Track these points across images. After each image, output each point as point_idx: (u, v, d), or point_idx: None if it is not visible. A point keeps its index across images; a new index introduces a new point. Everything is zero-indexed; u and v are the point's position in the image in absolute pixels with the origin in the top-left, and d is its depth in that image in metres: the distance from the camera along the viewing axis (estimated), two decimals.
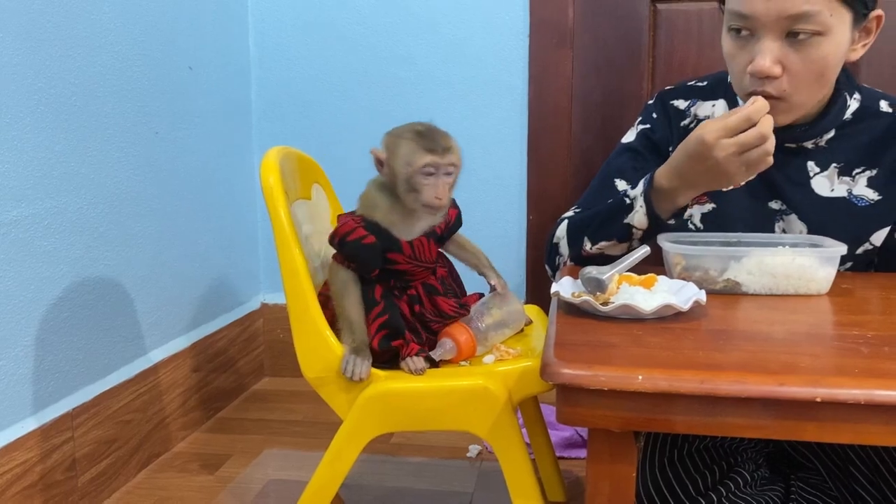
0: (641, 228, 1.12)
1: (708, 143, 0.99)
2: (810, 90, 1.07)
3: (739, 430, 0.72)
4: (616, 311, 0.88)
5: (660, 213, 1.10)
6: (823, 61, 1.04)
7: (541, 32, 1.92)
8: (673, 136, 1.26)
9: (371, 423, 1.07)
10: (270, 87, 2.08)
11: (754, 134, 0.98)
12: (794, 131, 1.14)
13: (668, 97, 1.28)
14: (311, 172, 1.28)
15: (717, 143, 0.99)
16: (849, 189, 1.15)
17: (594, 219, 1.18)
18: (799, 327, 0.89)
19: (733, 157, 0.99)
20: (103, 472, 1.47)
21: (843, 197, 1.15)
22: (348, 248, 1.08)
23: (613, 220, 1.14)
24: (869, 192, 1.15)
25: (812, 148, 1.16)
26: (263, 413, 1.93)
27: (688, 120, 1.25)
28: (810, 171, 1.16)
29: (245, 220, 2.06)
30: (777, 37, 1.03)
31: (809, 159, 1.16)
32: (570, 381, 0.72)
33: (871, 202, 1.15)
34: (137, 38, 1.58)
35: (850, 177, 1.15)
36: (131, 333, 1.59)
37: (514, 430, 1.04)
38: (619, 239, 1.15)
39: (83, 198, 1.43)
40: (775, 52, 1.04)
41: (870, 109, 1.16)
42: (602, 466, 0.77)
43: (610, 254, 1.17)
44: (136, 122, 1.59)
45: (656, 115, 1.28)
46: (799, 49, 1.03)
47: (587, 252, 1.18)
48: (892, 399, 0.66)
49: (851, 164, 1.15)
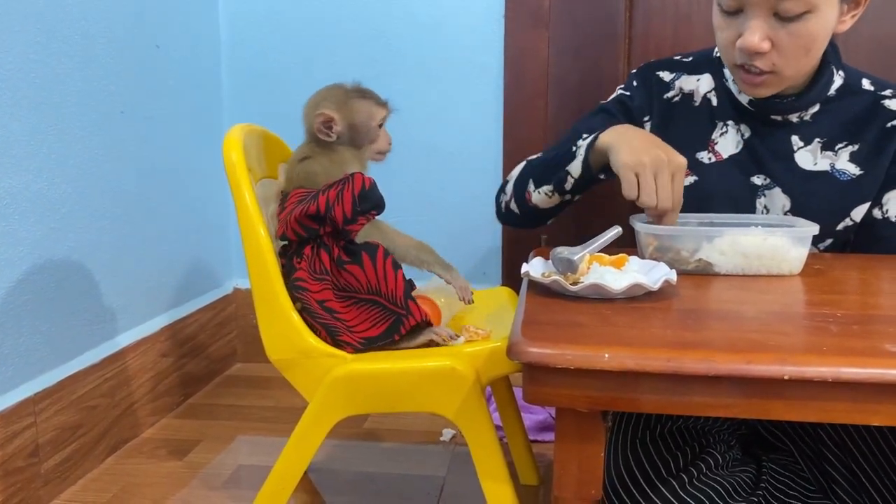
0: (574, 176, 1.15)
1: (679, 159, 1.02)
2: (799, 64, 1.08)
3: (707, 408, 0.71)
4: (585, 291, 0.87)
5: (592, 163, 1.12)
6: (811, 37, 1.05)
7: (516, 13, 1.90)
8: (653, 107, 1.26)
9: (337, 405, 1.05)
10: (241, 66, 2.04)
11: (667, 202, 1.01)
12: (782, 103, 1.16)
13: (654, 68, 1.29)
14: (277, 151, 1.25)
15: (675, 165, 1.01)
16: (832, 163, 1.17)
17: (546, 163, 1.21)
18: (770, 307, 0.87)
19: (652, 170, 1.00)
20: (68, 458, 1.44)
21: (826, 171, 1.17)
22: (373, 193, 1.06)
23: (558, 167, 1.16)
24: (851, 167, 1.17)
25: (797, 122, 1.18)
26: (235, 399, 1.90)
27: (672, 92, 1.26)
28: (794, 145, 1.18)
29: (216, 202, 2.02)
30: (766, 14, 1.04)
31: (794, 133, 1.18)
32: (536, 360, 0.70)
33: (853, 177, 1.17)
34: (102, 15, 1.54)
35: (832, 151, 1.17)
36: (98, 317, 1.56)
37: (482, 412, 1.02)
38: (556, 186, 1.18)
39: (43, 178, 1.39)
40: (764, 29, 1.05)
41: (853, 87, 1.18)
42: (570, 446, 0.76)
43: (543, 207, 1.22)
44: (100, 101, 1.54)
45: (636, 83, 1.30)
46: (787, 26, 1.04)
47: (528, 198, 1.22)
48: (858, 376, 0.65)
49: (834, 139, 1.17)
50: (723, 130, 1.21)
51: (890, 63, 1.78)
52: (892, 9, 1.76)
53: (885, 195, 1.18)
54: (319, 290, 1.06)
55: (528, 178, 1.22)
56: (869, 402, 0.67)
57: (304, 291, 1.06)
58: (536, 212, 1.24)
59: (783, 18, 1.03)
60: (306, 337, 1.05)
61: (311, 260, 1.06)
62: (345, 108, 1.10)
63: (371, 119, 1.12)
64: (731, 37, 1.09)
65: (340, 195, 1.04)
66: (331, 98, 1.11)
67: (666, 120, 1.25)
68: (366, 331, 1.06)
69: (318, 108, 1.10)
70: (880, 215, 1.18)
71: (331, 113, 1.10)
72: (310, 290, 1.06)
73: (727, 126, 1.21)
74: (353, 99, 1.11)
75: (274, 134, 1.26)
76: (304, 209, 1.04)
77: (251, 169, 1.09)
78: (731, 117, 1.21)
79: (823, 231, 1.05)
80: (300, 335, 1.05)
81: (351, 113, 1.11)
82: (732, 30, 1.08)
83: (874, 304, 0.89)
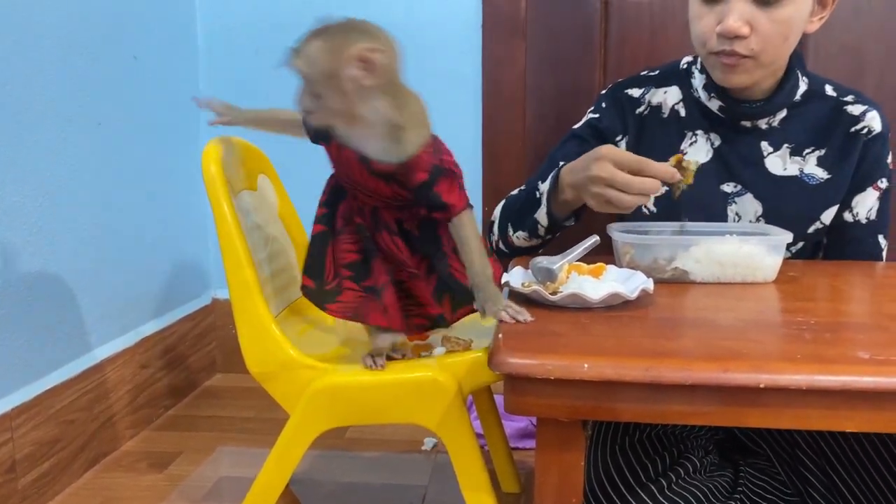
0: (543, 225, 1.18)
1: (599, 153, 1.02)
2: (777, 51, 1.11)
3: (684, 417, 0.72)
4: (564, 301, 0.88)
5: (555, 209, 1.15)
6: (789, 23, 1.09)
7: (493, 23, 1.91)
8: (628, 125, 1.28)
9: (318, 417, 1.05)
10: (219, 77, 2.04)
11: (636, 184, 0.99)
12: (751, 108, 1.18)
13: (622, 87, 1.30)
14: (256, 163, 1.25)
15: (602, 163, 1.01)
16: (800, 168, 1.20)
17: (518, 206, 1.23)
18: (745, 314, 0.89)
19: (600, 185, 1.01)
20: (46, 474, 1.43)
21: (796, 175, 1.20)
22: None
23: (528, 213, 1.19)
24: (819, 171, 1.20)
25: (765, 128, 1.20)
26: (215, 410, 1.89)
27: (642, 108, 1.27)
28: (764, 150, 1.21)
29: (194, 213, 2.01)
30: None
31: (763, 139, 1.21)
32: (516, 371, 0.71)
33: (821, 181, 1.20)
34: (79, 26, 1.53)
35: (801, 157, 1.20)
36: (75, 330, 1.55)
37: (463, 422, 1.03)
38: (530, 233, 1.21)
39: (18, 190, 1.38)
40: (744, 13, 1.08)
41: (817, 92, 1.22)
42: (550, 455, 0.77)
43: (528, 246, 1.24)
44: (77, 113, 1.54)
45: (605, 104, 1.31)
46: (767, 11, 1.07)
47: (510, 241, 1.25)
48: (832, 384, 0.67)
49: (802, 144, 1.20)
50: (692, 140, 1.23)
51: (858, 70, 1.82)
52: (860, 18, 1.80)
53: (853, 198, 1.21)
54: None
55: (507, 222, 1.24)
56: (842, 409, 0.69)
57: None
58: (522, 250, 1.26)
59: (763, 3, 1.07)
60: (286, 349, 1.05)
61: None
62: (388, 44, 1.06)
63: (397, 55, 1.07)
64: (710, 24, 1.11)
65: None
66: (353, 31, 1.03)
67: (639, 135, 1.27)
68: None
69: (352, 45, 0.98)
70: (851, 218, 1.22)
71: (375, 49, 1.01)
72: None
73: (696, 136, 1.23)
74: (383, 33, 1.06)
75: (253, 145, 1.26)
76: None
77: (230, 181, 1.09)
78: (701, 126, 1.23)
79: (795, 235, 1.08)
80: (280, 347, 1.05)
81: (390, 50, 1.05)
82: (712, 17, 1.11)
83: (845, 311, 0.91)
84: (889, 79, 1.81)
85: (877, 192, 1.22)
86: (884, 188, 1.22)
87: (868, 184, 1.21)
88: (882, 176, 1.21)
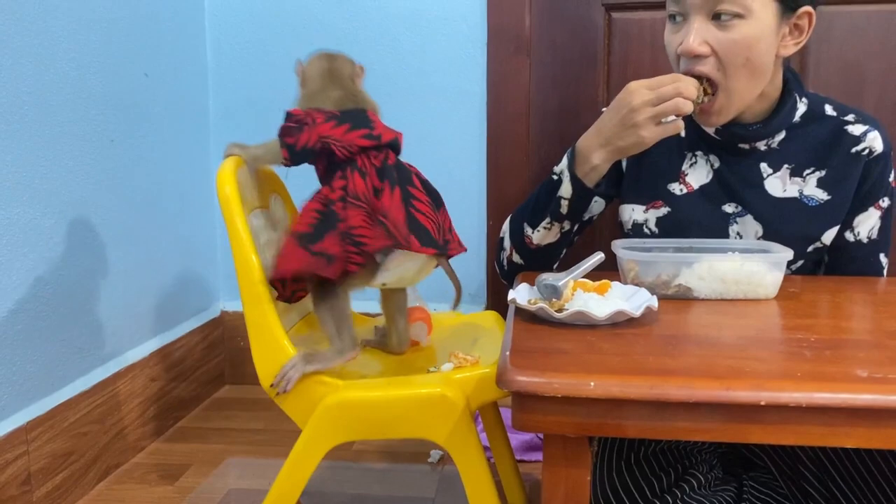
0: (567, 198, 1.18)
1: (630, 88, 1.08)
2: (738, 74, 1.11)
3: (688, 433, 0.74)
4: (570, 318, 0.90)
5: (582, 178, 1.16)
6: (746, 43, 1.09)
7: (498, 40, 1.94)
8: None
9: (330, 432, 1.07)
10: (228, 94, 2.07)
11: (671, 88, 1.05)
12: (747, 131, 1.19)
13: None
14: (268, 182, 1.27)
15: (637, 90, 1.07)
16: (800, 189, 1.20)
17: (530, 203, 1.24)
18: (747, 332, 0.91)
19: (647, 107, 1.06)
20: (59, 486, 1.45)
21: (795, 197, 1.20)
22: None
23: (548, 199, 1.20)
24: (819, 193, 1.20)
25: (764, 150, 1.21)
26: (224, 422, 1.91)
27: None
28: (763, 172, 1.21)
29: (204, 227, 2.04)
30: (705, 18, 1.10)
31: (762, 161, 1.21)
32: (524, 389, 0.73)
33: (821, 202, 1.20)
34: (93, 45, 1.56)
35: (801, 177, 1.20)
36: (88, 344, 1.57)
37: (472, 437, 1.05)
38: (553, 215, 1.20)
39: (35, 208, 1.41)
40: (702, 33, 1.10)
41: (817, 113, 1.22)
42: (557, 471, 0.78)
43: (548, 242, 1.23)
44: (91, 131, 1.57)
45: None
46: (724, 30, 1.09)
47: (529, 240, 1.24)
48: (831, 401, 0.69)
49: (802, 165, 1.20)
50: (692, 161, 1.25)
51: (856, 88, 1.84)
52: (859, 35, 1.83)
53: (855, 218, 1.22)
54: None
55: (522, 222, 1.24)
56: (842, 426, 0.71)
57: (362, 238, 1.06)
58: (540, 251, 1.24)
59: (721, 23, 1.08)
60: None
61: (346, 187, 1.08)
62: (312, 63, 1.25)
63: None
64: (676, 46, 1.13)
65: None
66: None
67: (641, 155, 1.28)
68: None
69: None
70: (852, 238, 1.22)
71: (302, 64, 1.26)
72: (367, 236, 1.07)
73: (696, 157, 1.25)
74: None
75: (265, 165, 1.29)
76: None
77: (244, 200, 1.12)
78: (700, 148, 1.24)
79: (794, 254, 1.09)
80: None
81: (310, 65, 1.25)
82: (677, 39, 1.13)
83: (845, 328, 0.93)
84: (889, 95, 1.83)
85: (878, 212, 1.22)
86: (885, 207, 1.22)
87: (870, 203, 1.21)
88: (884, 195, 1.21)
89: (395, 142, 1.14)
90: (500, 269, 1.33)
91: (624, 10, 1.90)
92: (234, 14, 2.04)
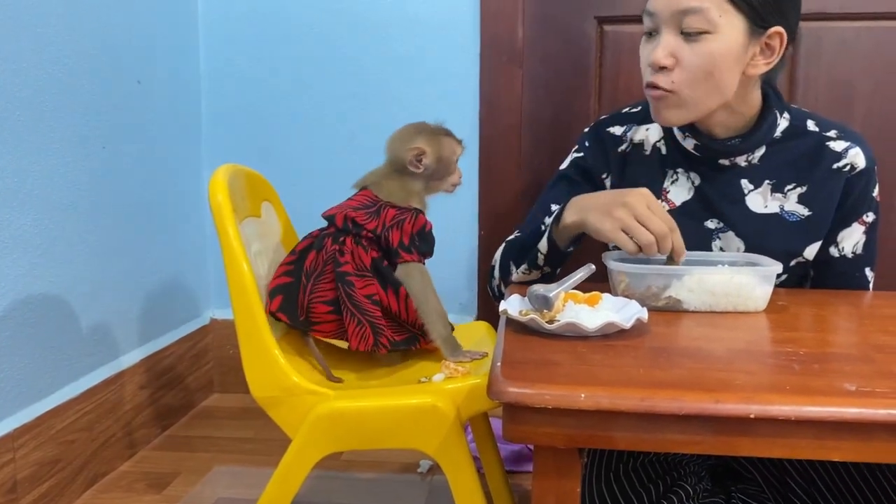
0: (543, 253, 1.19)
1: (642, 191, 1.06)
2: (698, 87, 1.12)
3: (678, 445, 0.74)
4: (561, 329, 0.90)
5: (557, 240, 1.17)
6: (711, 58, 1.10)
7: (491, 50, 1.95)
8: (609, 163, 1.30)
9: (320, 442, 1.07)
10: (220, 102, 2.07)
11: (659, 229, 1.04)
12: (725, 146, 1.19)
13: (604, 125, 1.33)
14: (260, 190, 1.27)
15: (642, 198, 1.05)
16: (781, 205, 1.21)
17: (520, 244, 1.25)
18: (736, 344, 0.91)
19: (630, 215, 1.04)
20: (46, 494, 1.44)
21: (776, 213, 1.21)
22: (429, 239, 1.17)
23: (531, 247, 1.21)
24: (800, 208, 1.20)
25: (745, 166, 1.21)
26: (212, 430, 1.90)
27: (625, 145, 1.30)
28: (744, 188, 1.21)
29: (194, 234, 2.04)
30: (674, 32, 1.11)
31: (743, 177, 1.22)
32: (515, 400, 0.73)
33: (802, 217, 1.20)
34: (85, 52, 1.56)
35: (782, 193, 1.21)
36: (77, 351, 1.56)
37: (462, 448, 1.05)
38: (530, 265, 1.22)
39: (26, 214, 1.41)
40: (670, 45, 1.11)
41: (798, 128, 1.22)
42: (548, 482, 0.78)
43: (530, 279, 1.24)
44: (83, 137, 1.56)
45: (588, 143, 1.33)
46: (690, 44, 1.10)
47: (515, 278, 1.25)
48: (819, 415, 0.69)
49: (783, 180, 1.21)
50: (673, 178, 1.25)
51: (845, 104, 1.86)
52: (848, 51, 1.84)
53: (839, 234, 1.22)
54: (364, 286, 1.12)
55: (509, 261, 1.26)
56: (830, 439, 0.71)
57: (351, 287, 1.11)
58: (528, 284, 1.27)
59: (687, 37, 1.10)
60: (290, 375, 1.07)
61: (353, 255, 1.13)
62: (435, 143, 1.20)
63: (452, 154, 1.22)
64: (647, 56, 1.14)
65: (401, 224, 1.14)
66: (422, 134, 1.21)
67: (622, 173, 1.29)
68: (392, 336, 1.13)
69: (412, 142, 1.19)
70: (837, 253, 1.23)
71: (424, 147, 1.18)
72: (356, 286, 1.12)
73: (677, 174, 1.25)
74: (441, 135, 1.21)
75: (257, 173, 1.29)
76: (365, 216, 1.15)
77: (236, 208, 1.11)
78: (681, 165, 1.25)
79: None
80: (284, 373, 1.07)
81: (439, 147, 1.20)
82: (648, 50, 1.14)
83: (833, 341, 0.94)
84: (877, 111, 1.85)
85: (863, 227, 1.22)
86: (870, 222, 1.22)
87: (853, 219, 1.21)
88: (868, 210, 1.21)
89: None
90: (490, 293, 1.34)
91: (616, 23, 1.92)
92: (227, 21, 2.04)
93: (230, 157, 1.95)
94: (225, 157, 2.00)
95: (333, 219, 1.16)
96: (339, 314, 1.12)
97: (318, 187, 1.11)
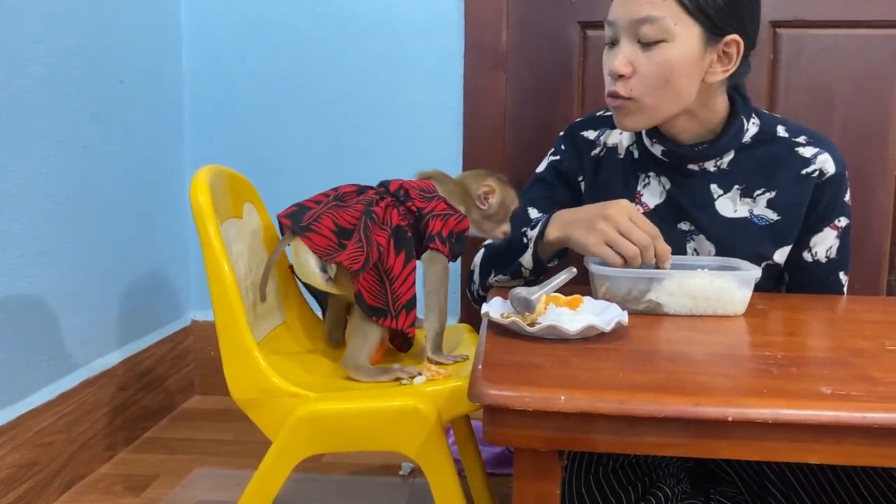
0: (529, 268, 1.20)
1: (621, 203, 1.09)
2: (656, 94, 1.14)
3: (658, 448, 0.75)
4: (542, 332, 0.90)
5: (539, 253, 1.18)
6: (667, 66, 1.11)
7: (475, 55, 1.96)
8: (584, 166, 1.31)
9: (300, 444, 1.06)
10: (203, 102, 2.06)
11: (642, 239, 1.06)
12: (693, 151, 1.21)
13: (578, 129, 1.34)
14: (242, 191, 1.27)
15: (624, 210, 1.07)
16: (750, 209, 1.22)
17: (500, 253, 1.26)
18: (716, 348, 0.92)
19: (613, 228, 1.06)
20: (22, 497, 1.42)
21: (746, 217, 1.22)
22: (464, 243, 1.18)
23: (512, 259, 1.22)
24: (769, 213, 1.22)
25: (714, 171, 1.23)
26: (192, 432, 1.89)
27: (598, 149, 1.31)
28: (714, 193, 1.23)
29: (176, 235, 2.03)
30: (632, 41, 1.13)
31: (712, 182, 1.23)
32: (495, 402, 0.73)
33: (771, 221, 1.22)
34: (67, 51, 1.55)
35: (751, 198, 1.22)
36: (55, 352, 1.55)
37: (443, 451, 1.05)
38: (513, 276, 1.23)
39: (5, 214, 1.39)
40: (627, 54, 1.13)
41: (768, 133, 1.23)
42: (528, 484, 0.79)
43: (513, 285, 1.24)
44: (64, 137, 1.55)
45: (564, 147, 1.35)
46: (647, 52, 1.12)
47: (496, 283, 1.26)
48: (796, 418, 0.70)
49: (752, 185, 1.22)
50: (645, 182, 1.27)
51: (825, 110, 1.88)
52: (828, 57, 1.87)
53: (811, 239, 1.24)
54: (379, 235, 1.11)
55: (489, 268, 1.27)
56: (807, 442, 0.72)
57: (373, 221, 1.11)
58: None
59: (645, 46, 1.11)
60: (270, 377, 1.07)
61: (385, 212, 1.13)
62: (503, 189, 1.25)
63: (513, 204, 1.26)
64: (608, 65, 1.16)
65: (446, 217, 1.15)
66: (496, 178, 1.26)
67: (595, 176, 1.31)
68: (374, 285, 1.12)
69: (486, 181, 1.24)
70: (810, 258, 1.24)
71: (495, 187, 1.23)
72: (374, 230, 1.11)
73: (649, 178, 1.27)
74: (510, 186, 1.27)
75: (239, 174, 1.28)
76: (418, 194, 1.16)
77: (217, 210, 1.11)
78: (653, 169, 1.26)
79: None
80: (264, 375, 1.07)
81: (506, 194, 1.25)
82: (609, 58, 1.16)
83: (811, 345, 0.95)
84: (857, 118, 1.87)
85: (835, 232, 1.23)
86: (842, 227, 1.23)
87: (824, 224, 1.23)
88: (840, 215, 1.23)
89: None
90: (470, 296, 1.36)
91: (599, 28, 1.92)
92: (210, 22, 2.03)
93: (213, 157, 1.95)
94: (207, 157, 2.00)
95: (388, 182, 1.17)
96: (338, 237, 1.09)
97: (301, 189, 1.11)
